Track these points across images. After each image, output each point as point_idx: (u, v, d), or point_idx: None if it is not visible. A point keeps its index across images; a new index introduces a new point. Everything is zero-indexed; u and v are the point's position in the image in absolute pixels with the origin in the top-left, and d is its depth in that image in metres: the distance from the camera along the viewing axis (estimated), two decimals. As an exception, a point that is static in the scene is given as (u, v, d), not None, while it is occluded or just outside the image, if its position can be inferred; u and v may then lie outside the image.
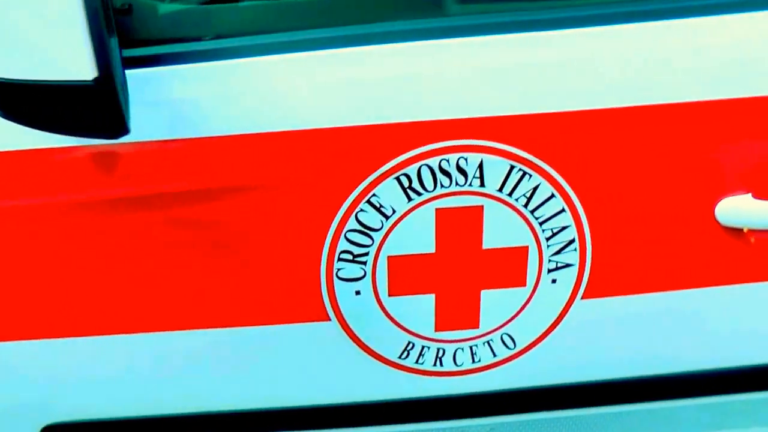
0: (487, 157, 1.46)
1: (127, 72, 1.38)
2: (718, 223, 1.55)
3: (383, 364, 1.64)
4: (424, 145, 1.45)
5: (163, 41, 1.49)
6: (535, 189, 1.50)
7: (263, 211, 1.50)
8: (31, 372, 1.63)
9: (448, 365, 1.66)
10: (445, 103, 1.45)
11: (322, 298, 1.56)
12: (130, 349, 1.60)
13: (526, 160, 1.47)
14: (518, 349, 1.65)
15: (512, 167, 1.47)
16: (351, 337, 1.61)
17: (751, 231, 1.57)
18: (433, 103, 1.45)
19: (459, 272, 1.57)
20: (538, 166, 1.48)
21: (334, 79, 1.46)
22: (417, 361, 1.65)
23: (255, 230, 1.52)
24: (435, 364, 1.65)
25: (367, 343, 1.62)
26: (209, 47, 1.48)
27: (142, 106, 1.41)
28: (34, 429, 1.69)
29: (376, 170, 1.46)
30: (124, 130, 1.31)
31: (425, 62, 1.46)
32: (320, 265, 1.54)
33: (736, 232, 1.57)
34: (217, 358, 1.63)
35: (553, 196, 1.50)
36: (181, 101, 1.44)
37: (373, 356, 1.63)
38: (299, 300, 1.57)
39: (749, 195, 1.54)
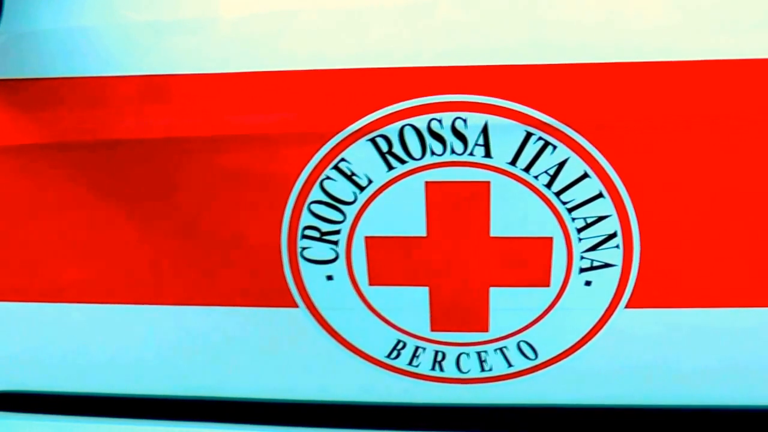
0: (493, 120, 1.09)
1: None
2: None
3: (369, 363, 1.31)
4: (407, 99, 1.08)
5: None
6: (561, 165, 1.13)
7: (209, 172, 1.19)
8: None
9: (450, 371, 1.32)
10: (435, 45, 1.08)
11: (286, 281, 1.23)
12: (86, 324, 1.36)
13: (549, 126, 1.10)
14: (540, 360, 1.29)
15: (529, 135, 1.09)
16: (327, 330, 1.29)
17: None
18: (420, 43, 1.09)
19: (459, 263, 1.21)
20: (565, 135, 1.10)
21: (285, 9, 1.10)
22: (410, 363, 1.32)
23: (201, 192, 1.20)
24: (433, 368, 1.32)
25: (346, 338, 1.30)
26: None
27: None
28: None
29: (343, 129, 1.11)
30: None
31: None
32: (280, 241, 1.20)
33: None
34: (171, 338, 1.34)
35: (586, 175, 1.12)
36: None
37: (355, 353, 1.31)
38: (260, 281, 1.24)
39: None
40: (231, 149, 1.17)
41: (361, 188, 1.17)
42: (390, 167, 1.15)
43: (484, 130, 1.11)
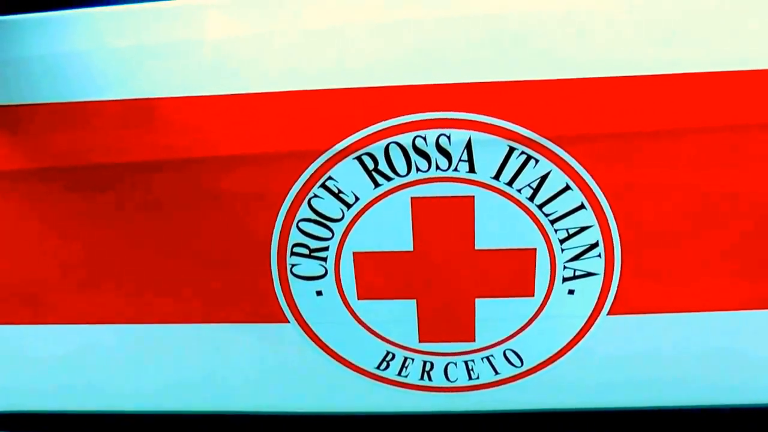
0: (477, 135, 1.12)
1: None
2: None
3: (359, 375, 1.34)
4: (392, 117, 1.11)
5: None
6: (543, 178, 1.15)
7: (199, 192, 1.21)
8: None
9: (438, 380, 1.34)
10: (420, 64, 1.10)
11: (276, 297, 1.25)
12: (75, 343, 1.36)
13: (531, 140, 1.11)
14: (526, 368, 1.32)
15: (512, 149, 1.12)
16: (317, 344, 1.31)
17: None
18: (402, 62, 1.11)
19: (445, 276, 1.24)
20: (547, 149, 1.12)
21: (268, 30, 1.12)
22: (399, 374, 1.34)
23: (192, 212, 1.22)
24: (422, 378, 1.34)
25: (337, 351, 1.32)
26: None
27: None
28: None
29: (330, 147, 1.13)
30: None
31: (391, 8, 1.10)
32: (270, 258, 1.22)
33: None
34: (166, 355, 1.36)
35: (568, 188, 1.15)
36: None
37: (346, 365, 1.33)
38: (251, 298, 1.26)
39: None
40: (220, 170, 1.19)
41: (349, 205, 1.20)
42: (376, 184, 1.18)
43: (468, 146, 1.14)
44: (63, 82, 1.16)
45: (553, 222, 1.19)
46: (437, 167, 1.16)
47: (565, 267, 1.23)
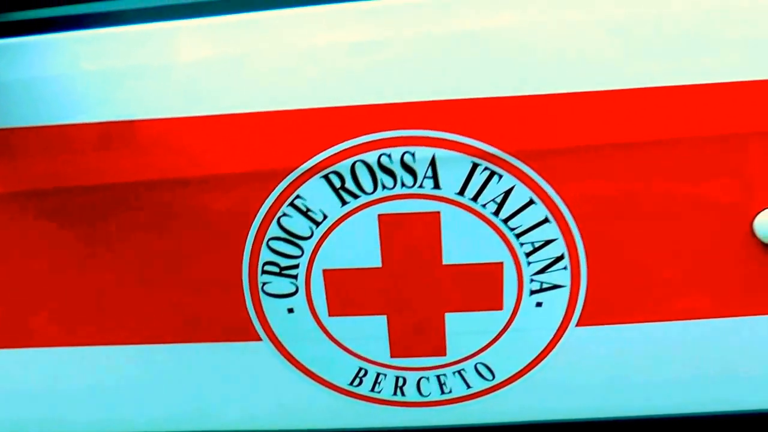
0: (441, 152, 1.14)
1: None
2: (758, 239, 1.18)
3: (333, 391, 1.35)
4: (357, 136, 1.13)
5: None
6: (507, 193, 1.17)
7: (171, 213, 1.23)
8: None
9: (411, 395, 1.35)
10: (382, 83, 1.12)
11: (249, 316, 1.26)
12: (58, 367, 1.37)
13: (494, 156, 1.13)
14: (498, 381, 1.33)
15: (476, 165, 1.13)
16: (291, 361, 1.32)
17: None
18: (366, 82, 1.13)
19: (415, 291, 1.25)
20: (510, 164, 1.14)
21: (237, 53, 1.14)
22: (373, 389, 1.35)
23: (164, 233, 1.24)
24: (395, 394, 1.35)
25: (310, 368, 1.34)
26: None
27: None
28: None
29: (297, 167, 1.15)
30: None
31: (353, 29, 1.12)
32: (241, 277, 1.24)
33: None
34: (140, 376, 1.37)
35: (532, 202, 1.17)
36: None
37: (319, 382, 1.34)
38: (224, 317, 1.28)
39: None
40: (191, 190, 1.20)
41: (317, 223, 1.21)
42: (344, 202, 1.19)
43: (432, 163, 1.16)
44: (35, 107, 1.18)
45: (518, 236, 1.21)
46: (403, 184, 1.18)
47: (532, 280, 1.24)
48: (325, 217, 1.20)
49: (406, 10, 1.14)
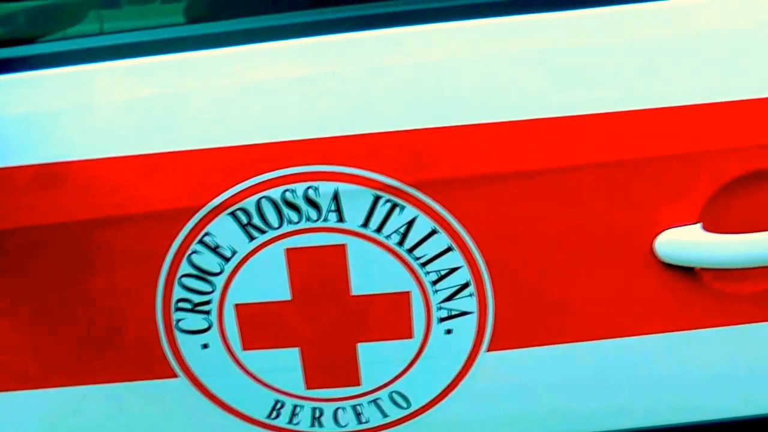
0: (343, 186, 1.17)
1: None
2: (659, 259, 1.22)
3: (251, 425, 1.37)
4: (261, 173, 1.16)
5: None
6: (410, 224, 1.20)
7: (88, 252, 1.25)
8: None
9: (329, 426, 1.38)
10: (284, 121, 1.15)
11: (164, 353, 1.28)
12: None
13: (395, 188, 1.17)
14: (414, 408, 1.36)
15: (378, 198, 1.16)
16: (208, 397, 1.34)
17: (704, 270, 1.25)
18: (270, 120, 1.16)
19: (325, 323, 1.27)
20: (411, 196, 1.17)
21: (148, 94, 1.17)
22: (290, 422, 1.38)
23: (80, 271, 1.25)
24: (313, 425, 1.38)
25: (228, 403, 1.35)
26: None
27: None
28: None
29: (205, 205, 1.17)
30: None
31: (252, 70, 1.16)
32: (155, 315, 1.25)
33: (683, 270, 1.25)
34: (58, 421, 1.37)
35: (435, 231, 1.20)
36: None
37: (237, 416, 1.36)
38: (139, 355, 1.29)
39: (698, 225, 1.21)
40: (104, 230, 1.23)
41: (227, 259, 1.24)
42: (251, 238, 1.22)
43: (336, 197, 1.19)
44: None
45: (423, 265, 1.24)
46: (308, 218, 1.21)
47: (440, 308, 1.28)
48: (234, 252, 1.23)
49: (302, 51, 1.18)
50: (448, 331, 1.30)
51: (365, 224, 1.21)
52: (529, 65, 1.18)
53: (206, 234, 1.21)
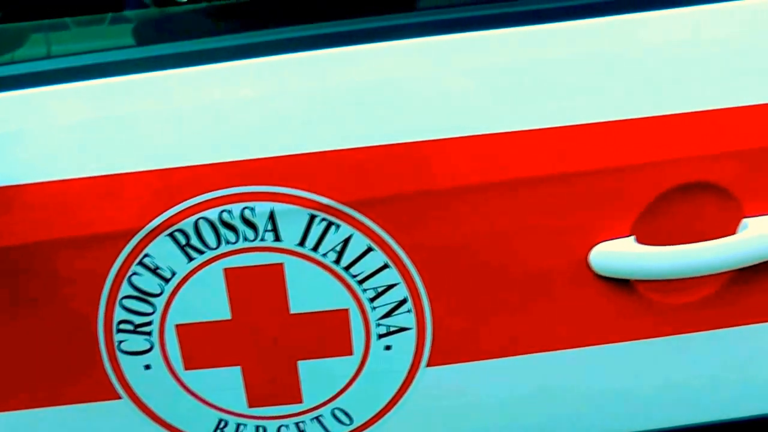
0: (279, 206, 1.20)
1: None
2: (594, 272, 1.25)
3: (196, 445, 1.37)
4: (198, 194, 1.18)
5: None
6: (346, 242, 1.23)
7: (28, 274, 1.26)
8: None
9: (273, 444, 1.39)
10: (218, 142, 1.18)
11: (107, 375, 1.29)
12: None
13: (330, 207, 1.19)
14: (356, 425, 1.38)
15: (313, 217, 1.19)
16: (152, 417, 1.35)
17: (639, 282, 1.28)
18: (204, 142, 1.18)
19: (266, 341, 1.29)
20: (346, 215, 1.20)
21: (87, 117, 1.19)
22: (235, 440, 1.38)
23: (21, 295, 1.26)
24: (257, 443, 1.38)
25: (171, 423, 1.36)
26: None
27: None
28: None
29: (144, 226, 1.19)
30: None
31: (187, 93, 1.18)
32: (98, 337, 1.27)
33: (618, 282, 1.28)
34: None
35: (370, 249, 1.22)
36: None
37: (182, 436, 1.37)
38: (82, 378, 1.30)
39: (632, 238, 1.25)
40: (48, 253, 1.24)
41: (166, 280, 1.26)
42: (190, 258, 1.24)
43: (272, 217, 1.22)
44: None
45: (360, 282, 1.27)
46: (245, 238, 1.23)
47: (378, 324, 1.30)
48: (173, 273, 1.25)
49: (237, 73, 1.21)
50: (388, 347, 1.32)
51: (302, 243, 1.23)
52: (463, 82, 1.22)
53: (146, 255, 1.23)
